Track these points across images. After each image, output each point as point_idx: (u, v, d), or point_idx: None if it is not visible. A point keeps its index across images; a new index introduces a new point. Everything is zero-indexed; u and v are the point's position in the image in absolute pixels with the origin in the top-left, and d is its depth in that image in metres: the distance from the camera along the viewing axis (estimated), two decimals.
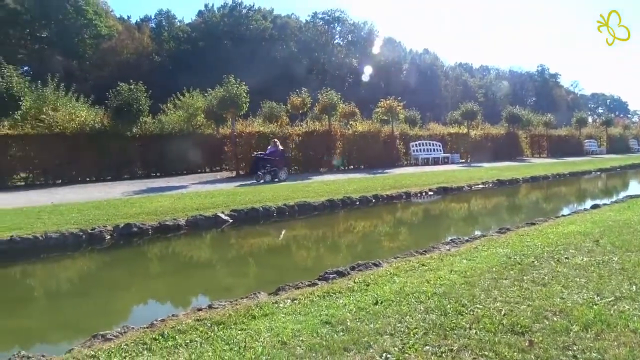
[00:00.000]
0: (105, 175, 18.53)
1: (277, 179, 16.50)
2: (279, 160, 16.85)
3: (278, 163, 16.75)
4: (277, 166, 16.69)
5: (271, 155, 16.77)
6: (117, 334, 3.64)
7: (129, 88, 18.64)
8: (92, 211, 9.72)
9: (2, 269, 7.08)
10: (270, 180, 16.25)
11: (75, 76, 44.11)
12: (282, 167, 16.93)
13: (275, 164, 16.63)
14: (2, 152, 15.88)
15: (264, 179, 16.22)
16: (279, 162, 16.83)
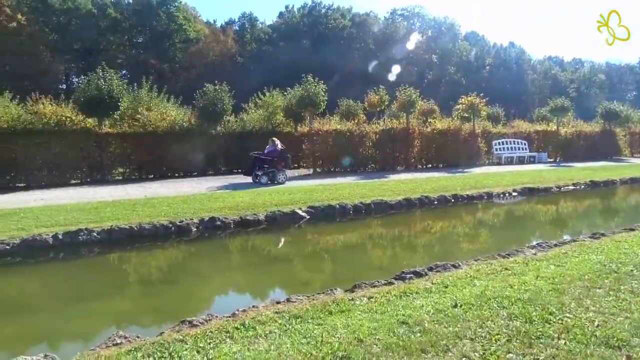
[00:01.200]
0: (192, 171, 19.65)
1: (275, 181, 15.29)
2: (278, 160, 15.58)
3: (277, 164, 15.52)
4: (276, 167, 15.47)
5: (269, 155, 15.57)
6: (202, 321, 3.86)
7: (214, 88, 19.63)
8: (180, 205, 10.37)
9: (102, 255, 7.78)
10: (267, 183, 15.07)
11: (167, 78, 47.26)
12: (281, 169, 15.63)
13: (273, 165, 15.45)
14: (104, 149, 17.41)
15: (260, 180, 15.13)
16: (278, 162, 15.57)
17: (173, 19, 57.08)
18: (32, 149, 15.85)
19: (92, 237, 7.88)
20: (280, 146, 15.95)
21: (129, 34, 57.11)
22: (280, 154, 15.74)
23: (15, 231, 7.82)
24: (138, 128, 18.18)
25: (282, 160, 15.75)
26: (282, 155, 15.78)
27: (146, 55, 54.89)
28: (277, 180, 15.37)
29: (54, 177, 16.42)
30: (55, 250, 7.58)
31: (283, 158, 15.80)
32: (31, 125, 15.88)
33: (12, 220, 8.70)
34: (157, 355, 3.19)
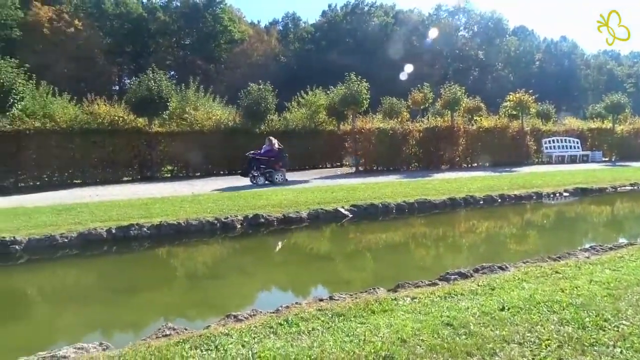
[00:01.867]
0: (236, 169, 20.05)
1: (271, 181, 14.97)
2: (275, 160, 15.16)
3: (274, 164, 15.12)
4: (273, 167, 15.08)
5: (265, 155, 15.13)
6: (247, 316, 3.95)
7: (257, 88, 19.99)
8: (225, 202, 10.61)
9: (152, 250, 8.08)
10: (264, 183, 14.76)
11: (212, 78, 48.46)
12: (278, 169, 15.23)
13: (270, 165, 15.06)
14: (153, 148, 18.08)
15: (257, 181, 14.80)
16: (275, 162, 15.15)
17: (219, 21, 58.47)
18: (88, 148, 16.70)
19: (142, 232, 8.20)
20: (277, 145, 15.55)
21: (177, 36, 58.97)
22: (277, 154, 15.32)
23: (72, 225, 8.26)
24: (185, 127, 18.78)
25: (279, 160, 15.32)
26: (279, 154, 15.33)
27: (193, 56, 56.51)
28: (274, 181, 14.97)
29: (108, 174, 17.24)
30: (109, 243, 7.95)
31: (280, 158, 15.35)
32: (87, 125, 16.73)
33: (70, 214, 9.20)
34: (203, 347, 3.29)
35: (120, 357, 3.16)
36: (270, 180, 14.96)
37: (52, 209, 9.90)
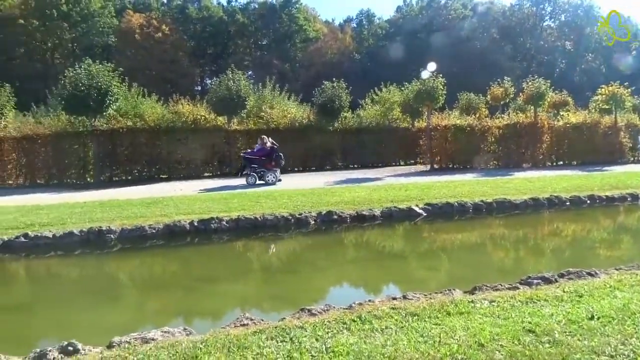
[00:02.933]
0: (310, 165, 20.41)
1: (263, 181, 14.73)
2: (267, 159, 14.87)
3: (266, 163, 14.85)
4: (265, 167, 14.84)
5: (257, 154, 14.98)
6: (320, 311, 4.01)
7: (331, 86, 20.15)
8: (299, 198, 10.83)
9: (230, 242, 8.45)
10: (254, 183, 14.54)
11: (287, 77, 49.52)
12: (270, 168, 14.92)
13: (262, 164, 14.83)
14: (232, 145, 18.87)
15: (248, 181, 14.61)
16: (267, 162, 14.87)
17: (294, 20, 59.67)
18: (173, 145, 17.80)
19: (222, 225, 8.61)
20: (269, 144, 15.23)
21: (255, 37, 60.97)
22: (269, 153, 15.00)
23: (159, 217, 8.85)
24: (262, 125, 19.39)
25: (272, 160, 14.97)
26: (271, 153, 14.99)
27: (270, 56, 58.13)
28: (266, 181, 14.73)
29: (190, 169, 18.27)
30: (191, 235, 8.43)
31: (273, 157, 14.99)
32: (172, 124, 17.83)
33: (157, 207, 9.87)
34: (279, 339, 3.39)
35: (202, 343, 3.35)
36: (262, 180, 14.79)
37: (141, 202, 10.69)
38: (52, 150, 17.35)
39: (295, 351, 3.14)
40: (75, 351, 3.44)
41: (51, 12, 49.09)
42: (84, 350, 3.46)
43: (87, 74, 15.97)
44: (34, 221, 8.67)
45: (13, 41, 50.60)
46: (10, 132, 17.49)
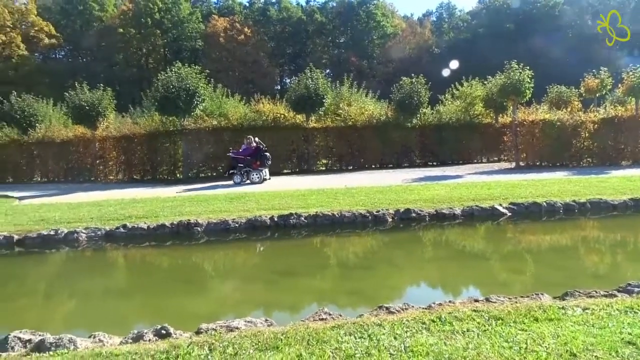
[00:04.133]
0: (387, 163, 20.22)
1: (249, 180, 15.06)
2: (252, 159, 15.18)
3: (251, 163, 15.17)
4: (251, 166, 15.16)
5: (243, 154, 15.28)
6: (399, 309, 3.97)
7: (410, 81, 19.78)
8: (377, 195, 10.78)
9: (308, 238, 8.61)
10: (240, 182, 14.93)
11: (365, 74, 49.42)
12: (256, 168, 15.18)
13: (248, 164, 15.16)
14: (310, 142, 19.22)
15: (234, 180, 15.06)
16: (252, 161, 15.18)
17: (372, 17, 59.35)
18: None
19: (300, 221, 8.81)
20: (254, 144, 15.45)
21: (333, 35, 61.49)
22: (255, 152, 15.29)
23: (242, 212, 9.26)
24: (339, 122, 19.51)
25: (257, 159, 15.26)
26: (256, 153, 15.29)
27: (347, 53, 58.32)
28: (251, 180, 15.04)
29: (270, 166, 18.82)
30: (271, 230, 8.72)
31: (258, 157, 15.28)
32: (254, 122, 18.51)
33: (239, 202, 10.33)
34: (357, 335, 3.41)
35: (283, 334, 3.46)
36: (248, 179, 15.17)
37: (225, 197, 11.24)
38: (147, 148, 18.78)
39: (374, 348, 3.15)
40: (168, 335, 3.71)
41: (146, 21, 53.02)
42: (175, 334, 3.72)
43: (177, 77, 17.05)
44: (131, 213, 9.45)
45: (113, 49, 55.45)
46: (111, 132, 19.19)
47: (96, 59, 58.15)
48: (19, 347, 3.62)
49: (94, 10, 56.11)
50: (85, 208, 10.50)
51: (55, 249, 8.12)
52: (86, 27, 56.61)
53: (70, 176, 19.78)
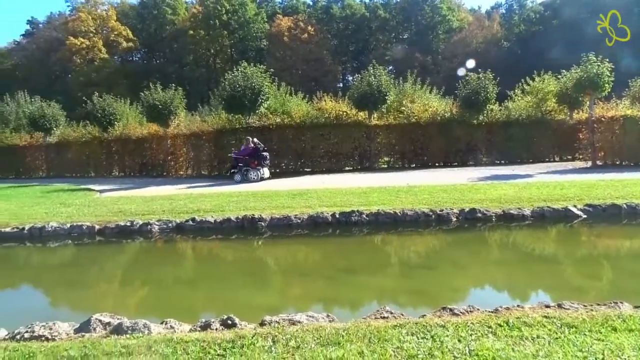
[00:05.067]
0: (452, 161, 19.67)
1: (247, 179, 15.79)
2: (250, 159, 15.94)
3: (250, 162, 15.93)
4: (249, 165, 15.94)
5: (242, 154, 16.11)
6: (463, 311, 3.86)
7: (477, 77, 19.09)
8: (440, 194, 10.52)
9: (370, 235, 8.58)
10: (240, 181, 15.70)
11: (429, 70, 48.35)
12: (254, 167, 15.94)
13: (247, 163, 15.94)
14: (372, 140, 19.11)
15: (235, 179, 15.95)
16: (251, 161, 15.95)
17: (437, 11, 57.86)
18: (317, 140, 18.68)
19: (362, 218, 8.79)
20: (252, 145, 16.15)
21: (396, 31, 60.66)
22: (252, 152, 15.99)
23: (304, 208, 9.39)
24: (402, 119, 19.24)
25: (255, 159, 15.97)
26: (253, 153, 15.99)
27: (411, 49, 57.28)
28: (248, 179, 15.77)
29: (332, 164, 18.99)
30: (333, 226, 8.77)
31: (256, 156, 15.97)
32: (316, 120, 18.68)
33: (302, 198, 10.49)
34: (419, 335, 3.36)
35: (345, 331, 3.48)
36: (246, 177, 15.88)
37: (288, 193, 11.46)
38: (214, 145, 19.55)
39: (437, 349, 3.09)
40: (233, 325, 3.85)
41: (214, 22, 55.10)
42: (240, 325, 3.85)
43: (243, 76, 17.59)
44: (200, 207, 9.89)
45: (184, 50, 58.19)
46: (181, 130, 20.17)
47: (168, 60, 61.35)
48: (100, 329, 3.91)
49: (166, 14, 59.16)
50: (157, 201, 11.13)
51: (130, 239, 8.67)
52: (160, 30, 59.86)
53: (144, 171, 21.03)
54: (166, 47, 60.70)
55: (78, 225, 8.96)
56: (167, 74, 55.45)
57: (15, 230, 8.94)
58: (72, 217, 9.74)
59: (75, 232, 8.87)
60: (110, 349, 3.36)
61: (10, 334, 3.89)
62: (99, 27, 55.23)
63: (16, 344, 3.58)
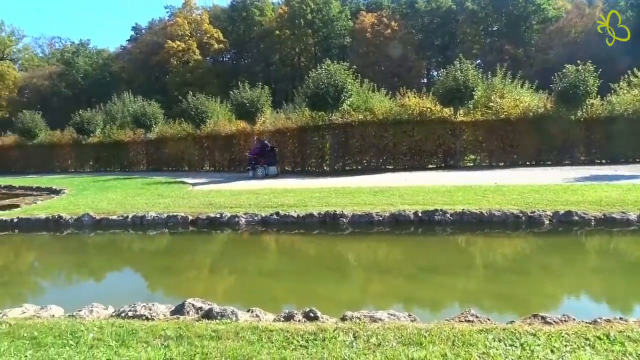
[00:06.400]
0: (545, 159, 18.45)
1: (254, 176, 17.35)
2: (259, 157, 17.69)
3: (259, 160, 17.64)
4: (258, 163, 17.62)
5: (253, 153, 17.92)
6: (557, 320, 3.62)
7: (575, 69, 17.68)
8: (532, 194, 9.91)
9: (453, 236, 8.30)
10: (251, 177, 17.25)
11: (521, 63, 45.56)
12: (262, 165, 17.63)
13: (257, 161, 17.63)
14: (457, 137, 18.44)
15: (248, 174, 17.74)
16: (260, 159, 17.67)
17: (531, 1, 54.21)
18: (399, 137, 18.44)
19: (445, 217, 8.54)
20: (257, 144, 18.15)
21: (485, 23, 57.80)
22: (259, 151, 17.78)
23: (385, 205, 9.33)
24: (490, 116, 18.37)
25: (262, 157, 17.74)
26: (261, 152, 17.77)
27: (501, 41, 54.36)
28: (254, 175, 17.39)
29: (415, 161, 18.63)
30: (415, 225, 8.62)
31: (263, 155, 17.75)
32: (399, 117, 18.42)
33: (383, 196, 10.42)
34: (507, 342, 3.21)
35: (427, 332, 3.42)
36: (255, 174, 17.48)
37: (369, 190, 11.44)
38: (297, 142, 20.03)
39: (526, 359, 2.93)
40: (315, 318, 3.94)
41: (299, 22, 56.28)
42: (322, 318, 3.93)
43: (326, 74, 17.80)
44: (283, 202, 10.20)
45: (270, 50, 60.18)
46: (267, 127, 20.91)
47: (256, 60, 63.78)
48: (193, 312, 4.19)
49: (254, 15, 61.48)
50: (244, 195, 11.65)
51: (219, 230, 9.17)
52: (248, 31, 62.39)
53: (232, 166, 22.12)
54: (254, 47, 63.08)
55: (173, 215, 9.65)
56: (255, 73, 57.69)
57: (120, 218, 9.86)
58: (168, 207, 10.51)
59: (171, 221, 9.57)
60: (201, 332, 3.59)
61: (117, 311, 4.30)
62: (194, 30, 58.79)
63: (122, 321, 3.95)
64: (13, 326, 3.86)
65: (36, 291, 6.81)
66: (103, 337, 3.57)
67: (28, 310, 4.46)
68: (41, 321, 3.99)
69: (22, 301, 5.07)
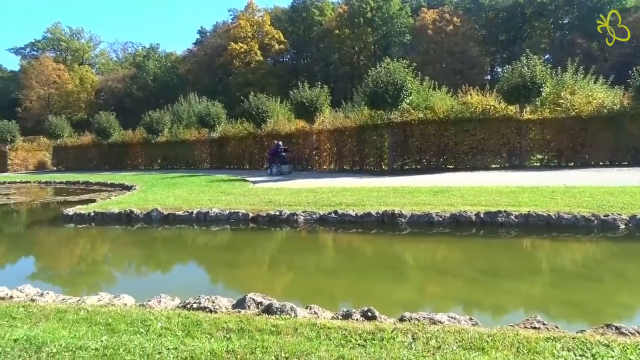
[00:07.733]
0: (621, 160, 17.25)
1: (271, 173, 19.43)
2: (274, 157, 19.78)
3: (274, 160, 19.72)
4: (274, 162, 19.70)
5: (270, 154, 20.14)
6: (633, 332, 3.39)
7: None
8: (605, 197, 9.31)
9: (518, 239, 7.95)
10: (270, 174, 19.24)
11: (594, 57, 42.81)
12: (275, 164, 19.61)
13: (272, 161, 19.77)
14: (523, 135, 17.64)
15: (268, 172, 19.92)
16: (274, 159, 19.73)
17: None
18: (461, 136, 17.93)
19: (509, 219, 8.22)
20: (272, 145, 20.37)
21: (554, 16, 54.86)
22: (274, 152, 19.87)
23: (446, 206, 9.11)
24: (559, 113, 17.43)
25: (276, 157, 19.78)
26: (274, 152, 19.83)
27: (572, 35, 51.30)
28: (272, 173, 19.45)
29: (477, 160, 18.04)
30: (477, 227, 8.36)
31: (276, 156, 19.77)
32: (461, 115, 17.92)
33: (444, 196, 10.18)
34: (577, 352, 3.05)
35: (489, 337, 3.31)
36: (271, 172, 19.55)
37: (429, 190, 11.22)
38: (356, 141, 20.02)
39: None
40: (373, 317, 3.92)
41: (359, 20, 56.12)
42: (380, 318, 3.91)
43: (385, 72, 17.64)
44: (341, 201, 10.24)
45: (329, 49, 60.50)
46: (325, 126, 21.06)
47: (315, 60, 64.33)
48: (253, 307, 4.31)
49: (314, 15, 62.03)
50: (303, 194, 11.81)
51: (279, 227, 9.37)
52: (308, 31, 63.07)
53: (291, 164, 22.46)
54: (313, 47, 63.68)
55: (235, 212, 9.98)
56: (314, 72, 58.22)
57: (185, 213, 10.33)
58: (230, 204, 10.87)
59: (233, 218, 9.90)
60: (262, 327, 3.69)
61: (182, 302, 4.52)
62: (255, 32, 60.28)
63: (187, 312, 4.15)
64: (90, 312, 4.16)
65: (110, 280, 7.28)
66: (170, 326, 3.76)
67: (103, 298, 4.79)
68: (115, 309, 4.27)
69: (98, 289, 5.44)
